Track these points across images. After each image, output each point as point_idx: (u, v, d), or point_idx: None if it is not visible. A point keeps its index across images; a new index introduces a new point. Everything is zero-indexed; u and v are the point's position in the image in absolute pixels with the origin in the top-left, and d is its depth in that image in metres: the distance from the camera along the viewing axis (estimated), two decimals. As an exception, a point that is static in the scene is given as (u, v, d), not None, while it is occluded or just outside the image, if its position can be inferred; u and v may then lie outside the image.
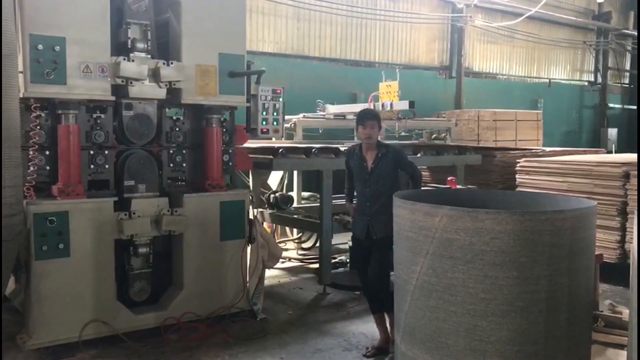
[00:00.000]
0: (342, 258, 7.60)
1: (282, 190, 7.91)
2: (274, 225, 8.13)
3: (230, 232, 5.39)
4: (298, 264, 7.91)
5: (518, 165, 8.08)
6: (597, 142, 18.71)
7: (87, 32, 4.63)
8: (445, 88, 15.10)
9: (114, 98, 4.86)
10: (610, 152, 14.48)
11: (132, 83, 4.86)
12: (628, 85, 20.87)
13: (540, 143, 13.21)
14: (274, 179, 8.17)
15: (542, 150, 9.79)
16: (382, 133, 9.86)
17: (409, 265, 3.41)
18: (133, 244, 4.99)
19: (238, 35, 5.44)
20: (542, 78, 17.86)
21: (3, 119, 3.99)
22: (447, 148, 8.56)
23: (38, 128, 4.60)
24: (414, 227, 3.36)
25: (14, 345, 4.68)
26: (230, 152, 5.62)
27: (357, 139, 10.07)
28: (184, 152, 5.39)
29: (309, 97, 10.75)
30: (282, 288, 6.78)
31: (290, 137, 9.28)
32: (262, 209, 7.24)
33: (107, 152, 4.94)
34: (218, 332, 5.15)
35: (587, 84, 19.43)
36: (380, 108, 9.71)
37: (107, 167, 4.94)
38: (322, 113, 10.15)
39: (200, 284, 5.25)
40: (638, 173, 6.64)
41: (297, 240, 8.54)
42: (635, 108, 19.83)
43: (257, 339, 5.07)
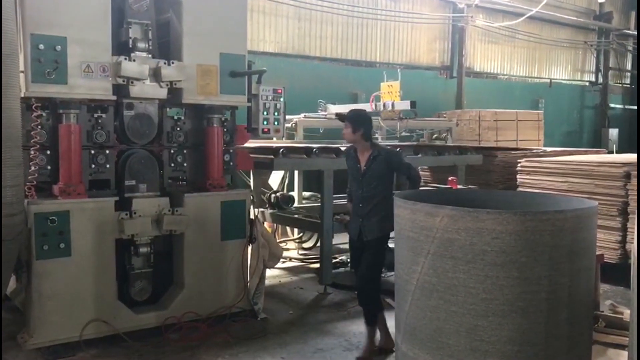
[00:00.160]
0: (342, 258, 7.60)
1: (283, 190, 7.91)
2: (275, 225, 8.13)
3: (231, 231, 5.40)
4: (299, 264, 7.92)
5: (519, 166, 8.08)
6: (598, 142, 18.70)
7: (88, 31, 4.63)
8: (446, 88, 15.09)
9: (115, 98, 4.87)
10: (611, 152, 14.49)
11: (133, 83, 4.87)
12: (629, 86, 20.87)
13: (541, 143, 13.20)
14: (275, 179, 8.17)
15: (543, 151, 9.79)
16: (383, 133, 9.97)
17: (410, 265, 3.41)
18: (134, 244, 4.99)
19: (239, 35, 5.44)
20: (543, 78, 17.85)
21: (4, 119, 3.99)
22: (448, 148, 8.56)
23: (39, 128, 4.60)
24: (415, 227, 3.36)
25: (15, 345, 4.69)
26: (231, 151, 5.63)
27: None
28: (185, 151, 5.39)
29: (310, 97, 10.75)
30: (282, 288, 6.78)
31: (291, 137, 9.27)
32: (263, 209, 7.24)
33: (108, 151, 4.94)
34: (219, 331, 5.15)
35: (588, 84, 19.42)
36: (382, 108, 9.71)
37: (108, 166, 4.94)
38: (323, 113, 10.13)
39: (201, 284, 5.25)
40: (638, 173, 6.64)
41: (297, 240, 8.54)
42: (636, 108, 19.82)
43: (257, 339, 5.07)
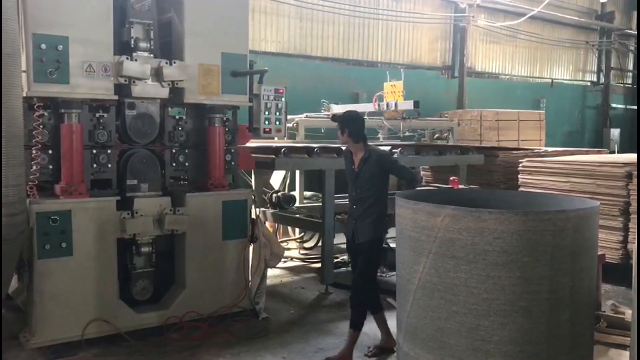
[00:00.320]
0: (344, 258, 7.60)
1: (284, 190, 7.91)
2: (276, 225, 8.13)
3: (233, 231, 5.40)
4: (300, 264, 7.92)
5: (520, 165, 8.07)
6: (599, 142, 18.68)
7: (90, 31, 4.64)
8: (448, 88, 15.09)
9: (117, 97, 4.87)
10: (613, 152, 14.47)
11: (134, 82, 4.87)
12: (631, 86, 20.85)
13: (543, 143, 13.19)
14: (276, 179, 8.17)
15: (544, 151, 9.78)
16: (385, 133, 9.98)
17: (412, 265, 3.41)
18: (135, 243, 5.00)
19: (241, 35, 5.45)
20: (544, 78, 17.83)
21: (7, 118, 4.00)
22: (449, 148, 8.56)
23: (41, 127, 4.61)
24: (417, 226, 3.36)
25: (17, 344, 4.70)
26: (233, 151, 5.63)
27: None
28: (187, 151, 5.39)
29: (312, 96, 10.75)
30: (284, 287, 6.78)
31: (293, 136, 9.27)
32: (264, 209, 7.24)
33: (109, 151, 4.95)
34: (220, 331, 5.16)
35: (589, 84, 19.40)
36: (385, 108, 9.72)
37: (109, 166, 4.94)
38: (326, 113, 10.14)
39: (203, 283, 5.25)
40: (638, 173, 6.63)
41: (299, 240, 8.54)
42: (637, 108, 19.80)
43: (259, 338, 5.08)
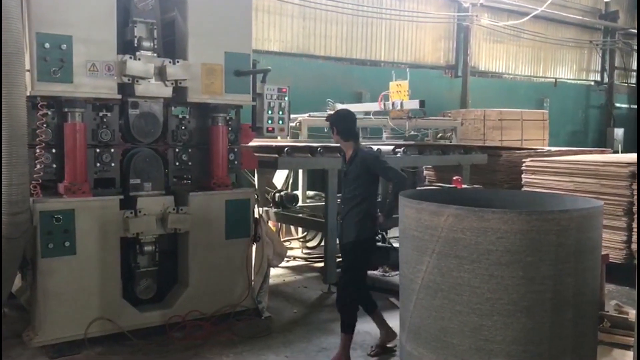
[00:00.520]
0: (347, 257, 7.59)
1: (287, 189, 7.93)
2: (279, 224, 8.14)
3: (236, 230, 5.40)
4: (303, 263, 7.92)
5: (524, 165, 8.05)
6: (603, 142, 18.64)
7: (93, 30, 4.64)
8: (451, 87, 15.07)
9: (120, 96, 4.88)
10: (617, 152, 14.43)
11: (138, 81, 4.87)
12: (635, 85, 20.77)
13: (546, 143, 13.17)
14: (279, 178, 8.18)
15: (548, 150, 9.76)
16: (388, 132, 9.98)
17: (415, 265, 3.41)
18: (139, 242, 5.00)
19: (244, 34, 5.45)
20: (548, 77, 17.80)
21: (10, 117, 4.01)
22: (452, 147, 8.56)
23: (45, 126, 4.62)
24: (420, 226, 3.36)
25: (20, 342, 4.70)
26: (236, 150, 5.63)
27: (362, 138, 10.13)
28: (190, 150, 5.40)
29: (315, 96, 10.75)
30: (287, 287, 6.78)
31: (296, 136, 9.28)
32: (267, 208, 7.25)
33: (113, 150, 4.95)
34: (223, 330, 5.16)
35: (593, 84, 19.36)
36: (391, 107, 9.73)
37: (113, 165, 4.95)
38: (331, 112, 10.13)
39: (206, 283, 5.26)
40: (638, 173, 6.62)
41: (302, 239, 8.54)
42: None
43: (261, 338, 5.08)
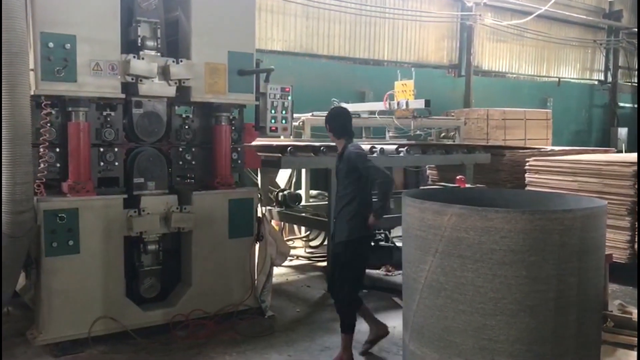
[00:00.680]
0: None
1: (290, 189, 7.92)
2: (282, 223, 8.14)
3: (239, 229, 5.41)
4: (306, 262, 7.92)
5: (527, 164, 8.05)
6: (606, 141, 18.58)
7: (97, 30, 4.65)
8: (454, 86, 15.04)
9: (124, 96, 4.88)
10: (620, 151, 14.40)
11: (141, 81, 4.88)
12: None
13: (550, 142, 13.13)
14: (282, 177, 8.18)
15: (551, 150, 9.75)
16: (392, 131, 9.97)
17: (418, 264, 3.41)
18: (142, 241, 5.02)
19: (247, 34, 5.45)
20: (551, 77, 17.75)
21: (14, 116, 4.03)
22: (455, 147, 8.54)
23: (48, 125, 4.62)
24: (423, 225, 3.36)
25: (24, 341, 4.72)
26: (239, 150, 5.64)
27: (365, 138, 10.14)
28: (193, 150, 5.40)
29: (318, 95, 10.74)
30: (290, 286, 6.79)
31: (299, 135, 9.27)
32: (270, 207, 7.25)
33: (116, 149, 4.96)
34: (226, 329, 5.16)
35: (597, 83, 19.30)
36: (396, 107, 9.73)
37: (116, 164, 4.96)
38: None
39: (209, 281, 5.26)
40: (638, 172, 6.61)
41: (305, 238, 8.54)
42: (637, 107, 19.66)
43: (264, 337, 5.09)
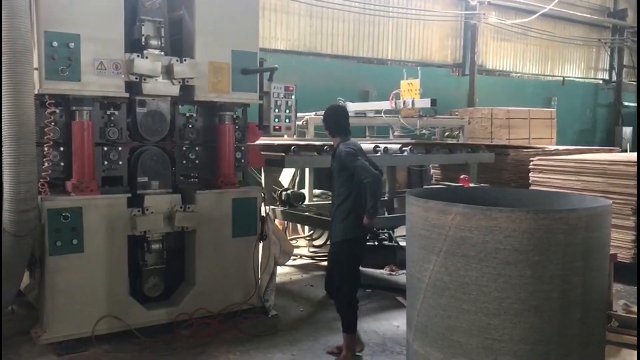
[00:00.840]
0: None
1: (293, 188, 7.91)
2: (286, 223, 8.14)
3: (242, 229, 5.41)
4: (309, 261, 7.92)
5: (531, 164, 8.03)
6: (611, 140, 18.53)
7: (101, 29, 4.65)
8: (458, 86, 15.02)
9: (128, 95, 4.88)
10: (625, 150, 14.36)
11: (145, 80, 4.88)
12: (642, 83, 20.66)
13: (554, 141, 13.10)
14: (286, 177, 8.18)
15: (555, 149, 9.72)
16: (398, 130, 9.96)
17: (422, 263, 3.40)
18: (146, 240, 5.02)
19: (251, 33, 5.45)
20: (555, 76, 17.71)
21: (18, 116, 4.04)
22: (459, 146, 8.52)
23: (52, 124, 4.63)
24: (427, 224, 3.35)
25: (28, 340, 4.73)
26: (243, 149, 5.64)
27: (368, 137, 10.13)
28: (197, 149, 5.41)
29: (322, 94, 10.72)
30: (293, 285, 6.79)
31: (302, 134, 9.27)
32: (273, 206, 7.25)
33: (120, 148, 4.96)
34: (230, 328, 5.17)
35: (601, 82, 19.25)
36: (402, 105, 9.73)
37: (120, 163, 4.96)
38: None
39: (212, 281, 5.27)
40: (638, 172, 6.59)
41: (308, 238, 8.54)
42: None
43: (268, 336, 5.09)
